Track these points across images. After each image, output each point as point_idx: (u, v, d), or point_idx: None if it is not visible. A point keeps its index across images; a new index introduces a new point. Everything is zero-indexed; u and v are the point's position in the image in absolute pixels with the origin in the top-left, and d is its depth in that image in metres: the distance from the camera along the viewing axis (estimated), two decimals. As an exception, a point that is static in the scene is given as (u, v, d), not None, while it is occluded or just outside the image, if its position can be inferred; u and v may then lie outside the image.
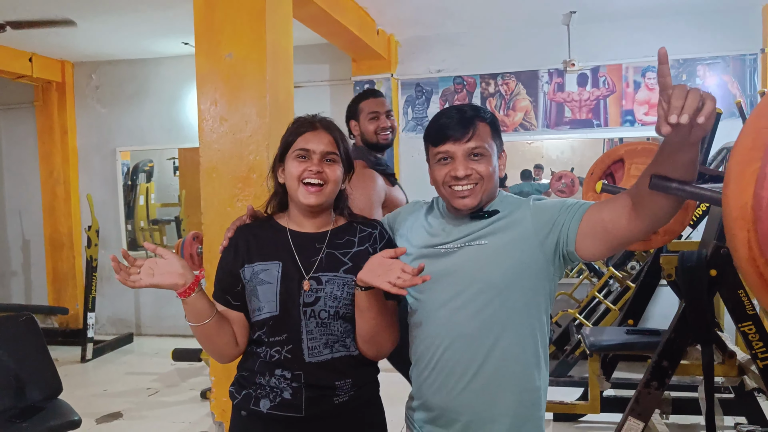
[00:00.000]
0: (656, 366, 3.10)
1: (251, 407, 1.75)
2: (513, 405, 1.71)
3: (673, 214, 1.49)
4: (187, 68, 6.92)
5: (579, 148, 7.27)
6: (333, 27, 5.21)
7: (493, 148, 1.74)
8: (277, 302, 1.72)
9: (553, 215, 1.67)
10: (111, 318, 7.65)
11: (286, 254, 1.77)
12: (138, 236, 8.52)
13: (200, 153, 3.68)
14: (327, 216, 1.83)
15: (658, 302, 5.75)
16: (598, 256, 1.68)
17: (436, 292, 1.74)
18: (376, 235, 1.83)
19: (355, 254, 1.78)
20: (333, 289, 1.72)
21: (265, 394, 1.73)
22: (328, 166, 1.75)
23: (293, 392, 1.71)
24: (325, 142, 1.76)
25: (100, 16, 5.60)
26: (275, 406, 1.72)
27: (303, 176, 1.73)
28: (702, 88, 5.29)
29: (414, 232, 1.86)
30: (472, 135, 1.70)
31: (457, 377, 1.72)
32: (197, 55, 3.69)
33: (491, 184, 1.73)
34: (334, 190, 1.77)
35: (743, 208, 0.83)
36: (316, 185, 1.73)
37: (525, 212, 1.72)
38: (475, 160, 1.71)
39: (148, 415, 4.88)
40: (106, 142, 7.52)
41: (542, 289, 1.73)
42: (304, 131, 1.78)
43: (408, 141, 6.61)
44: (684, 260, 3.00)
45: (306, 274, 1.74)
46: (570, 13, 5.88)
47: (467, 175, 1.70)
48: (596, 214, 1.60)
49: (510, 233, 1.70)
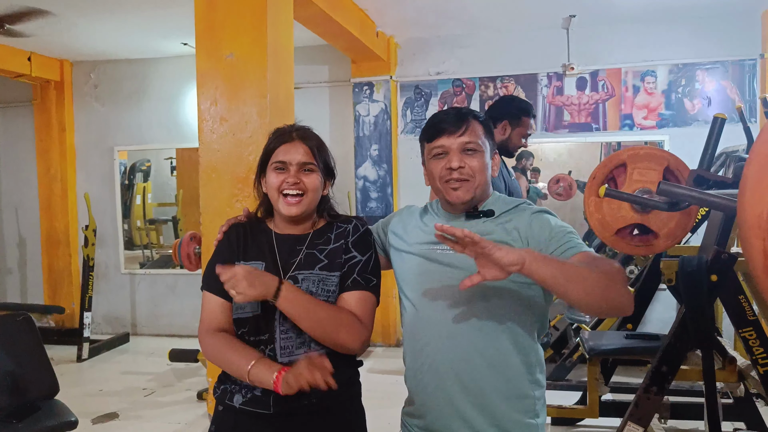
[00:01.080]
0: (656, 371, 3.09)
1: (226, 401, 1.80)
2: (507, 412, 1.70)
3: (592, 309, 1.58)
4: (187, 68, 6.92)
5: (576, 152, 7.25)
6: (333, 28, 5.20)
7: (486, 146, 1.77)
8: (259, 302, 1.75)
9: (548, 240, 1.66)
10: (107, 317, 7.62)
11: (269, 255, 1.81)
12: (134, 235, 8.49)
13: (200, 153, 3.67)
14: (309, 220, 1.87)
15: (656, 307, 5.75)
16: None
17: (429, 293, 1.74)
18: (350, 228, 1.85)
19: (331, 251, 1.81)
20: (308, 285, 1.76)
21: (239, 389, 1.78)
22: (306, 176, 1.79)
23: (263, 390, 1.72)
24: (301, 152, 1.79)
25: (101, 14, 5.58)
26: (246, 401, 1.76)
27: (281, 187, 1.78)
28: (701, 92, 5.34)
29: (409, 231, 1.87)
30: (465, 129, 1.74)
31: (451, 381, 1.71)
32: (198, 54, 3.68)
33: (483, 180, 1.76)
34: (314, 198, 1.81)
35: (759, 216, 0.82)
36: (294, 195, 1.77)
37: (523, 222, 1.72)
38: (469, 155, 1.74)
39: (144, 416, 4.85)
40: (104, 140, 7.50)
41: (534, 296, 1.72)
42: (281, 143, 1.82)
43: (406, 143, 6.61)
44: (684, 265, 2.99)
45: (284, 275, 1.77)
46: (570, 16, 5.89)
47: (461, 167, 1.73)
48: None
49: (507, 240, 1.70)
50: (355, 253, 1.81)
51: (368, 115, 6.63)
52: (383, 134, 6.61)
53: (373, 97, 6.59)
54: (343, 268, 1.79)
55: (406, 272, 1.82)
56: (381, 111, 6.59)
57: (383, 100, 6.57)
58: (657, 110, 6.14)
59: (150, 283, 7.55)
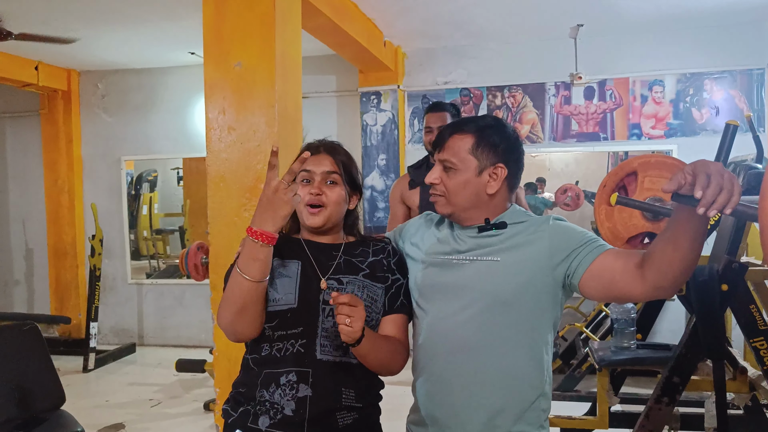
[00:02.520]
0: (667, 382, 3.06)
1: (249, 425, 1.69)
2: (513, 423, 1.68)
3: (678, 275, 1.49)
4: (194, 78, 6.93)
5: (584, 161, 7.24)
6: (341, 38, 5.21)
7: (471, 162, 1.72)
8: (296, 295, 1.71)
9: (571, 245, 1.65)
10: (114, 328, 7.62)
11: (304, 256, 1.78)
12: (141, 246, 8.49)
13: (207, 162, 3.66)
14: (337, 235, 1.86)
15: (666, 316, 5.71)
16: (595, 298, 1.73)
17: (443, 304, 1.73)
18: (390, 249, 1.85)
19: (372, 263, 1.80)
20: (354, 289, 1.73)
21: (265, 410, 1.68)
22: (329, 188, 1.77)
23: (296, 407, 1.66)
24: (325, 163, 1.79)
25: (110, 25, 5.62)
26: (275, 423, 1.67)
27: (306, 199, 1.76)
28: (709, 102, 5.30)
29: (425, 240, 1.85)
30: (442, 147, 1.76)
31: (459, 391, 1.69)
32: (206, 63, 3.68)
33: (459, 198, 1.73)
34: (337, 210, 1.79)
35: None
36: (316, 206, 1.76)
37: (543, 233, 1.70)
38: (446, 173, 1.74)
39: (151, 427, 4.83)
40: (111, 151, 7.52)
41: (549, 310, 1.71)
42: (308, 154, 1.79)
43: (414, 152, 6.59)
44: (695, 274, 2.96)
45: (323, 275, 1.75)
46: (577, 26, 5.88)
47: (433, 183, 1.75)
48: (611, 261, 1.60)
49: (524, 251, 1.68)
50: (399, 275, 1.81)
51: (376, 125, 6.63)
52: (391, 144, 6.61)
53: (380, 107, 6.59)
54: (391, 289, 1.79)
55: (420, 282, 1.79)
56: (388, 120, 6.58)
57: (391, 110, 6.57)
58: (665, 120, 6.12)
59: (157, 294, 7.55)
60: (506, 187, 1.76)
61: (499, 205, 1.76)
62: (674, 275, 1.48)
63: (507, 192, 1.78)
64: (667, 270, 1.48)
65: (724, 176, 1.25)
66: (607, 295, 1.64)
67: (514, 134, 1.79)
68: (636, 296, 1.59)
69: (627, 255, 1.60)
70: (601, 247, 1.64)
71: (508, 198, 1.79)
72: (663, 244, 1.49)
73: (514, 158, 1.77)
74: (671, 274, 1.48)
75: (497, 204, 1.76)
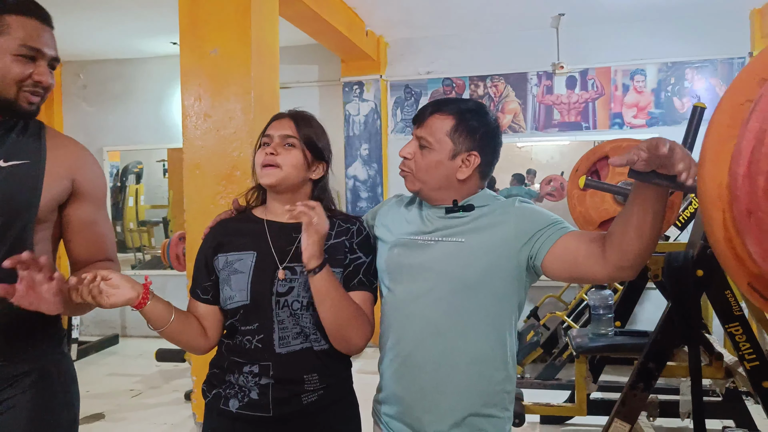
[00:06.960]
0: (642, 367, 3.07)
1: (221, 407, 1.72)
2: (479, 405, 1.69)
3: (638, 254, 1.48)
4: (175, 68, 6.82)
5: (568, 153, 7.25)
6: (321, 26, 5.18)
7: (447, 144, 1.71)
8: (248, 291, 1.70)
9: (534, 227, 1.65)
10: (95, 319, 7.57)
11: (262, 244, 1.75)
12: (126, 237, 8.46)
13: (183, 150, 3.64)
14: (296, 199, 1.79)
15: (646, 306, 5.73)
16: (558, 279, 1.70)
17: (410, 285, 1.72)
18: (354, 230, 1.81)
19: (331, 246, 1.74)
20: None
21: (234, 393, 1.71)
22: (286, 150, 1.74)
23: (260, 391, 1.68)
24: (285, 127, 1.77)
25: (85, 11, 5.54)
26: (243, 405, 1.69)
27: (260, 159, 1.75)
28: (690, 91, 5.32)
29: (395, 222, 1.84)
30: (421, 124, 1.75)
31: (427, 374, 1.69)
32: (182, 50, 3.66)
33: (429, 177, 1.72)
34: (293, 174, 1.74)
35: (719, 188, 0.80)
36: (269, 166, 1.73)
37: (508, 215, 1.69)
38: (420, 150, 1.73)
39: (130, 417, 4.81)
40: (93, 141, 7.43)
41: (514, 292, 1.70)
42: (273, 121, 1.81)
43: (396, 142, 6.58)
44: (670, 260, 2.97)
45: (281, 264, 1.72)
46: (559, 15, 5.88)
47: (405, 157, 1.75)
48: (574, 243, 1.60)
49: (489, 233, 1.68)
50: (360, 254, 1.78)
51: (358, 115, 6.61)
52: (373, 134, 6.59)
53: (363, 97, 6.57)
54: (349, 267, 1.75)
55: (388, 262, 1.78)
56: (371, 110, 6.57)
57: (373, 100, 6.56)
58: (646, 109, 6.13)
59: (140, 285, 7.50)
60: (478, 175, 1.75)
61: (469, 189, 1.76)
62: (634, 254, 1.48)
63: (478, 179, 1.76)
64: (627, 249, 1.48)
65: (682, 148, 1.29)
66: (571, 276, 1.64)
67: (494, 122, 1.77)
68: (599, 277, 1.58)
69: (589, 236, 1.60)
70: (564, 229, 1.64)
71: (479, 184, 1.78)
72: (622, 223, 1.48)
73: (490, 147, 1.75)
74: (632, 253, 1.48)
75: (468, 188, 1.75)
